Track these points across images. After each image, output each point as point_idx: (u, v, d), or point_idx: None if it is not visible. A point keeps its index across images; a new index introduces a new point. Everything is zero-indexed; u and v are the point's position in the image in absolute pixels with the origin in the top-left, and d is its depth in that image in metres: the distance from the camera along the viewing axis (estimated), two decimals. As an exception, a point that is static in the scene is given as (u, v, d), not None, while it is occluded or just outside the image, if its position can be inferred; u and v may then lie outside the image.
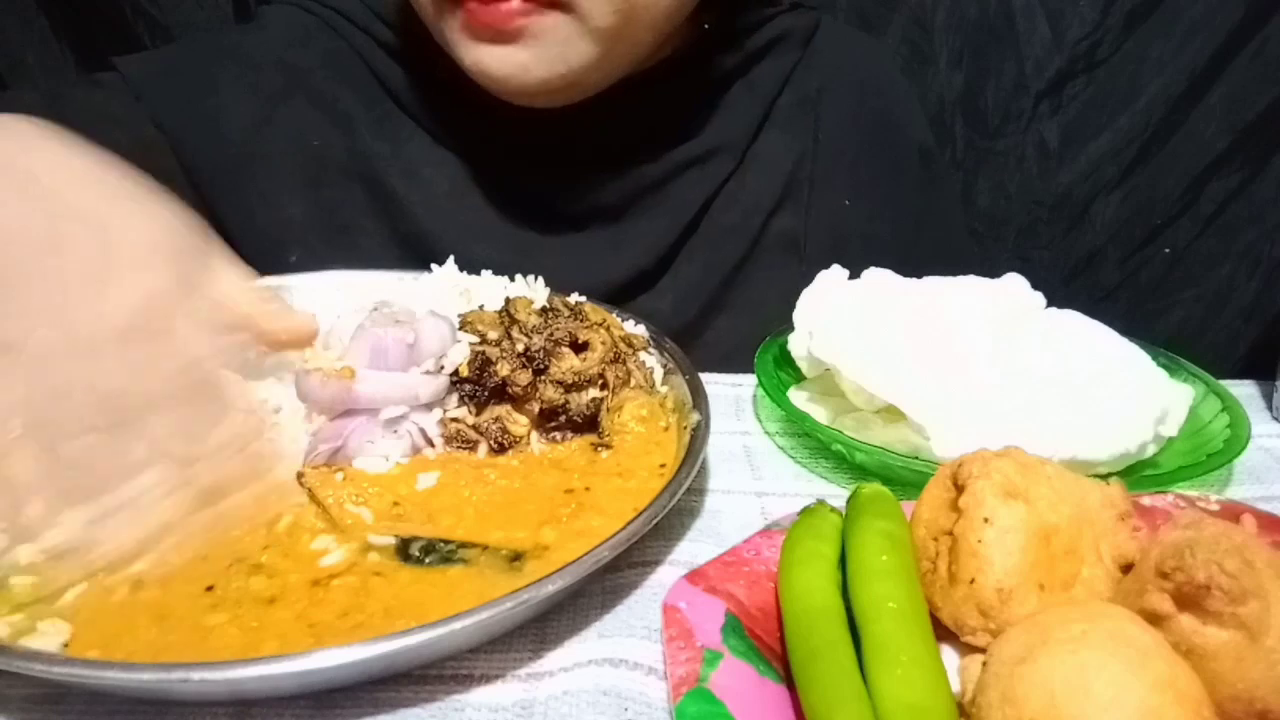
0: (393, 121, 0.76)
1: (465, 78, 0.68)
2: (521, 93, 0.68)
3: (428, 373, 0.51)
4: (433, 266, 0.64)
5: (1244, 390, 0.67)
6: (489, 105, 0.70)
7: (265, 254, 0.72)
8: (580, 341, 0.55)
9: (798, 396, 0.62)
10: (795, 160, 0.81)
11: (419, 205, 0.75)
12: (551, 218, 0.76)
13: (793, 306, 0.62)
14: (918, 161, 0.87)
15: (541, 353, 0.53)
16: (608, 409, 0.53)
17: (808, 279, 0.64)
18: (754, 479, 0.56)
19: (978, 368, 0.56)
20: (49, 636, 0.38)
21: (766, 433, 0.62)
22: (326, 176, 0.76)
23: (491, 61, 0.65)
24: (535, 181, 0.76)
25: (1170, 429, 0.55)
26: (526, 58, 0.65)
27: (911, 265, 0.66)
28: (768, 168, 0.80)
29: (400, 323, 0.53)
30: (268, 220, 0.75)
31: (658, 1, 0.66)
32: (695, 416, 0.52)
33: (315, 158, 0.76)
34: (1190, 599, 0.33)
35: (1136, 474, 0.54)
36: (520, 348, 0.53)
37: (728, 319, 0.79)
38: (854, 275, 0.65)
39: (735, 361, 0.67)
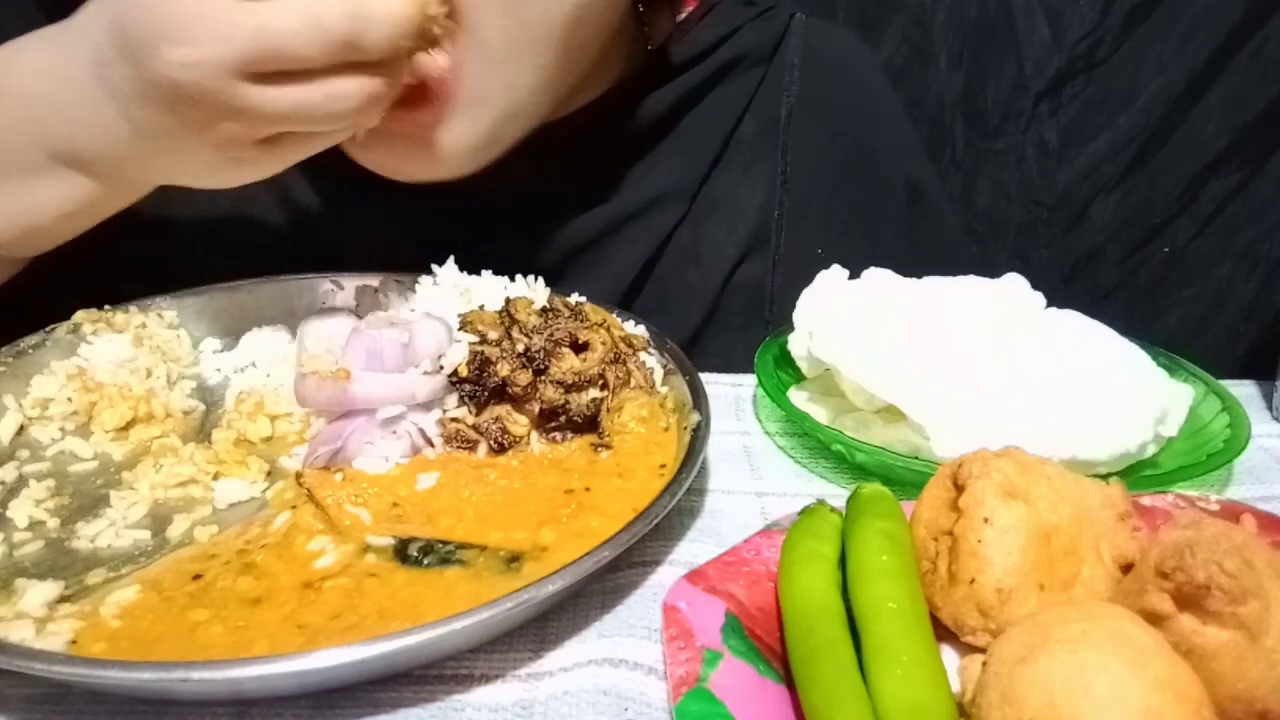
0: (321, 173, 0.67)
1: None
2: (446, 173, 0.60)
3: (425, 373, 0.51)
4: (433, 267, 0.64)
5: (1244, 390, 0.67)
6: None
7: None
8: (580, 342, 0.55)
9: (798, 396, 0.62)
10: (760, 203, 0.70)
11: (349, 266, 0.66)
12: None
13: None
14: (903, 199, 0.76)
15: (541, 353, 0.53)
16: (608, 409, 0.53)
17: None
18: (754, 479, 0.56)
19: (978, 368, 0.56)
20: (54, 636, 0.38)
21: (766, 433, 0.62)
22: (255, 229, 0.69)
23: (389, 166, 0.60)
24: (462, 246, 0.64)
25: (1170, 429, 0.55)
26: (426, 156, 0.58)
27: None
28: (727, 214, 0.70)
29: (395, 324, 0.53)
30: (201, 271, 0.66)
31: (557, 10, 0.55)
32: (695, 417, 0.52)
33: (243, 206, 0.69)
34: (1190, 599, 0.33)
35: (1136, 474, 0.54)
36: (520, 348, 0.53)
37: None
38: (854, 276, 0.65)
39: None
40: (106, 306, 0.61)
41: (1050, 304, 0.63)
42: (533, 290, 0.61)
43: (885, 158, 0.76)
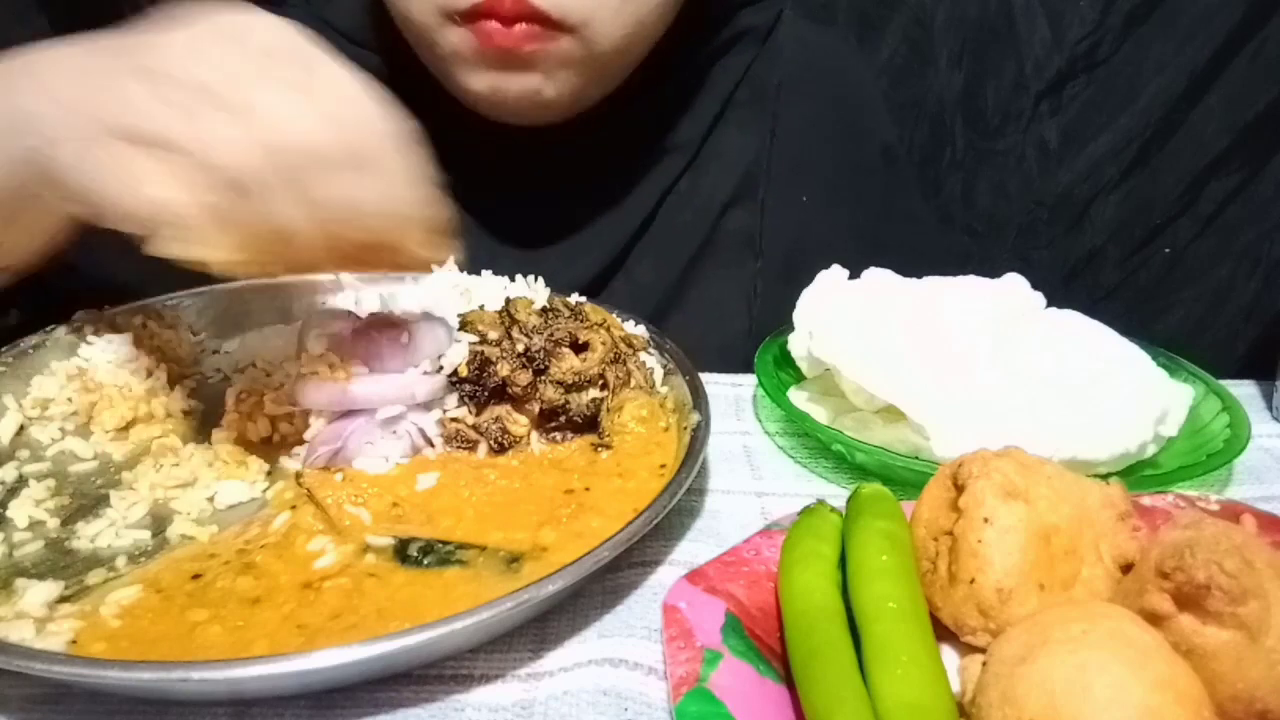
0: None
1: (416, 88, 0.65)
2: (529, 115, 0.68)
3: (425, 373, 0.51)
4: (433, 266, 0.64)
5: (1244, 390, 0.67)
6: (441, 118, 0.67)
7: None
8: (580, 342, 0.55)
9: (798, 396, 0.62)
10: (751, 157, 0.80)
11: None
12: (504, 228, 0.76)
13: (750, 305, 0.62)
14: (880, 160, 0.86)
15: (541, 353, 0.53)
16: (608, 409, 0.53)
17: (765, 277, 0.64)
18: (754, 479, 0.56)
19: (978, 368, 0.56)
20: (54, 636, 0.38)
21: (766, 433, 0.62)
22: None
23: (505, 85, 0.65)
24: (488, 192, 0.75)
25: (1170, 429, 0.55)
26: (538, 82, 0.66)
27: (873, 263, 0.66)
28: (722, 164, 0.80)
29: (395, 324, 0.53)
30: None
31: (661, 18, 0.67)
32: (695, 417, 0.52)
33: None
34: (1190, 599, 0.33)
35: (1136, 474, 0.54)
36: (520, 348, 0.53)
37: (683, 317, 0.78)
38: (854, 276, 0.65)
39: (694, 362, 0.67)
40: (106, 306, 0.61)
41: (1050, 304, 0.63)
42: (533, 290, 0.61)
43: (863, 127, 0.86)
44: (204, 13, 0.45)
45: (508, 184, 0.76)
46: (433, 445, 0.52)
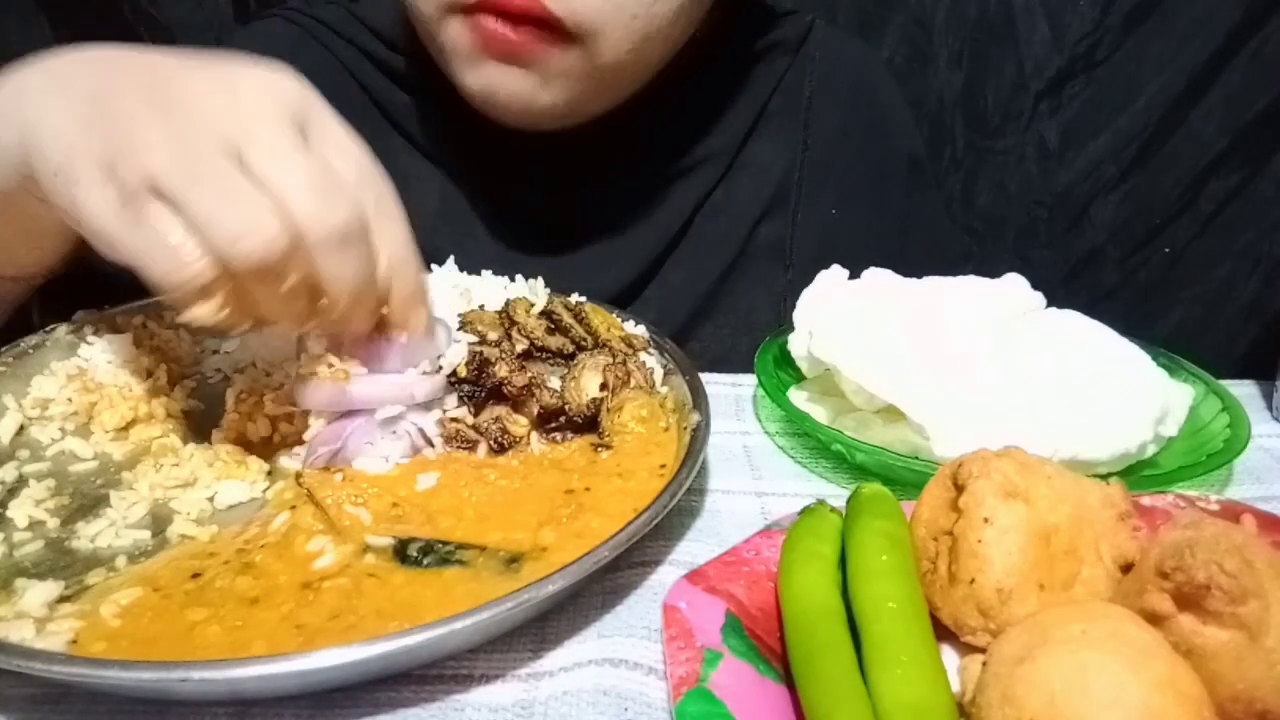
0: (380, 136, 0.75)
1: (456, 93, 0.68)
2: (523, 118, 0.68)
3: (425, 373, 0.51)
4: (432, 266, 0.64)
5: (1244, 390, 0.67)
6: (478, 121, 0.70)
7: None
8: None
9: (798, 396, 0.62)
10: (784, 168, 0.81)
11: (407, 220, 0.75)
12: (539, 233, 0.76)
13: (780, 315, 0.62)
14: (905, 170, 0.87)
15: (541, 353, 0.53)
16: (608, 409, 0.53)
17: (795, 287, 0.64)
18: (754, 479, 0.56)
19: (978, 368, 0.56)
20: (54, 636, 0.38)
21: (766, 433, 0.62)
22: None
23: (499, 82, 0.65)
24: (523, 197, 0.76)
25: (1170, 429, 0.55)
26: (534, 83, 0.65)
27: (898, 269, 0.66)
28: (755, 175, 0.80)
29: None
30: None
31: (669, 37, 0.67)
32: (695, 416, 0.52)
33: None
34: (1190, 599, 0.33)
35: (1136, 474, 0.54)
36: (520, 349, 0.53)
37: (714, 327, 0.79)
38: (853, 276, 0.65)
39: (723, 370, 0.67)
40: (106, 306, 0.61)
41: (1050, 304, 0.63)
42: (533, 291, 0.61)
43: (891, 136, 0.87)
44: (232, 60, 0.46)
45: (541, 190, 0.76)
46: (432, 445, 0.52)
